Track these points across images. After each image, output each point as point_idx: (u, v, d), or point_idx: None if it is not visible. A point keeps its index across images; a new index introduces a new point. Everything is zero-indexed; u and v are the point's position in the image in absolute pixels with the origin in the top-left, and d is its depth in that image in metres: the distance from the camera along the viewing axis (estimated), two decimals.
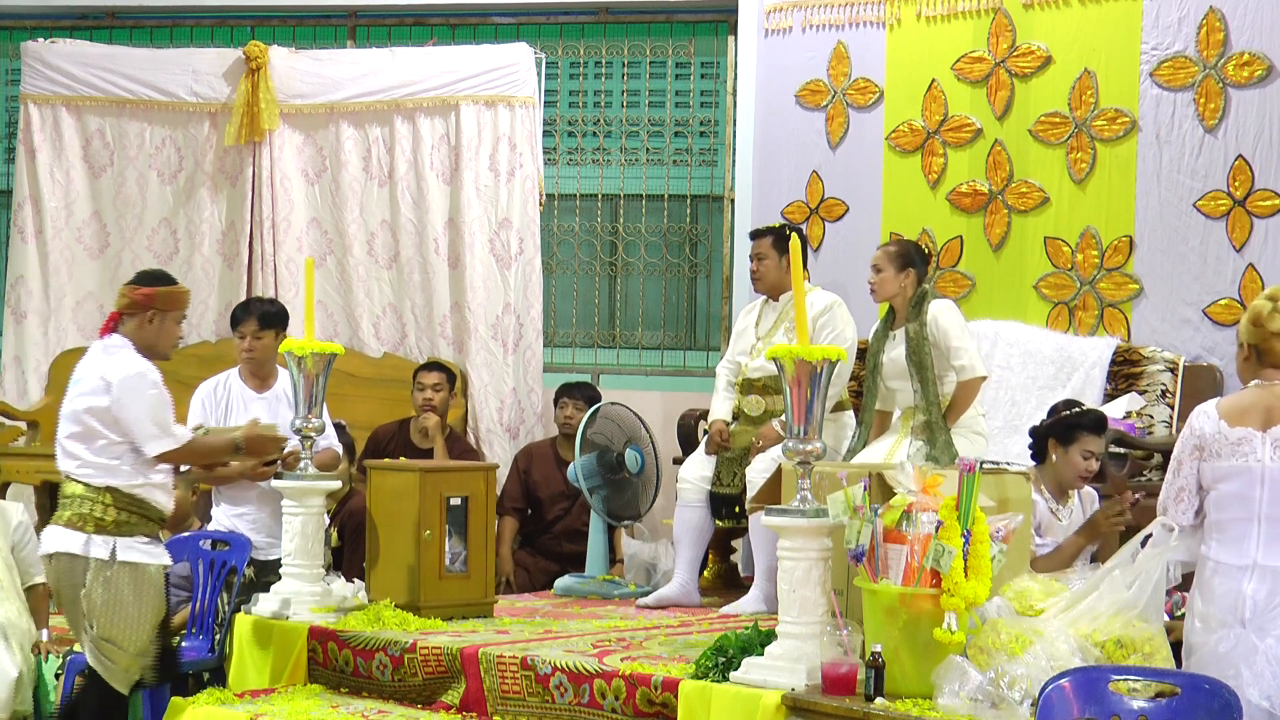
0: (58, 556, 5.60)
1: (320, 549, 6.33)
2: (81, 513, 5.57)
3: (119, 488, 5.60)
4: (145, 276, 5.94)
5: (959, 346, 6.53)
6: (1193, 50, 7.47)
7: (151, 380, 5.63)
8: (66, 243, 9.43)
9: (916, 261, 6.71)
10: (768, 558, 6.42)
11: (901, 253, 6.73)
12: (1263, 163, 7.31)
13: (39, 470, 8.78)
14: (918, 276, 6.68)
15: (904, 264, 6.68)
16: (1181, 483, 4.62)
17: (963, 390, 6.53)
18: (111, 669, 5.62)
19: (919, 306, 6.59)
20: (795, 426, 4.86)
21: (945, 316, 6.58)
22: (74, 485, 5.62)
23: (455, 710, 5.63)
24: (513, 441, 8.90)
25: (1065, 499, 5.78)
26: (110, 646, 5.59)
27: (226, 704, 5.72)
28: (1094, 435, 5.70)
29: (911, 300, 6.63)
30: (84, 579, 5.55)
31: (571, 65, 9.54)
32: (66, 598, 5.62)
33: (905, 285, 6.66)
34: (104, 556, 5.55)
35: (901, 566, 4.56)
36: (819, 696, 4.64)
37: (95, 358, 5.70)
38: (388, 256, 9.25)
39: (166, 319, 5.77)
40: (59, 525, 5.61)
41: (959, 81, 8.12)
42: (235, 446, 5.97)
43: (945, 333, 6.54)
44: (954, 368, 6.53)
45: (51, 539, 5.63)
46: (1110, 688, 4.08)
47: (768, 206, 8.61)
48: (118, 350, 5.69)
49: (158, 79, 9.41)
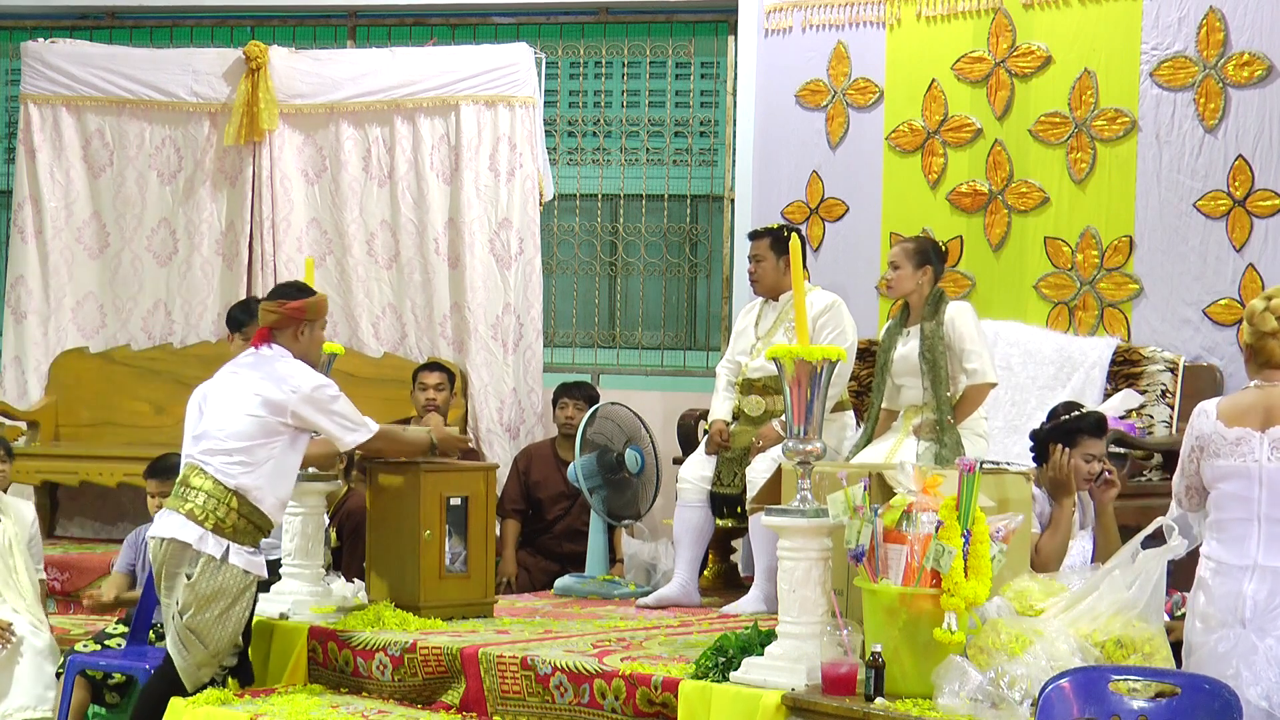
0: (171, 542, 5.66)
1: (320, 549, 6.34)
2: (207, 509, 5.65)
3: (248, 494, 5.69)
4: (289, 290, 6.11)
5: (973, 350, 6.52)
6: (1193, 50, 7.47)
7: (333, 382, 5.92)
8: (66, 243, 9.43)
9: (934, 259, 6.69)
10: (768, 558, 6.42)
11: (920, 249, 6.71)
12: (1263, 163, 7.31)
13: (39, 470, 8.81)
14: (935, 274, 6.67)
15: (922, 261, 6.65)
16: (1188, 481, 4.65)
17: (971, 394, 6.52)
18: (187, 661, 5.69)
19: (936, 305, 6.58)
20: (795, 426, 4.87)
21: (964, 319, 6.56)
22: (203, 479, 5.68)
23: (455, 710, 5.63)
24: (513, 441, 8.90)
25: None
26: (193, 639, 5.66)
27: (226, 704, 5.72)
28: (1095, 438, 5.69)
29: (928, 299, 6.61)
30: (193, 568, 5.63)
31: (571, 65, 9.54)
32: (166, 580, 5.69)
33: (922, 283, 6.64)
34: (217, 555, 5.64)
35: (901, 566, 4.56)
36: (819, 696, 4.64)
37: (262, 364, 5.84)
38: (387, 256, 9.25)
39: (315, 328, 5.98)
40: (179, 514, 5.66)
41: (959, 81, 8.12)
42: (431, 445, 6.32)
43: (961, 335, 6.53)
44: (965, 370, 6.52)
45: (168, 525, 5.68)
46: (1110, 688, 4.08)
47: (768, 206, 8.61)
48: (287, 358, 5.88)
49: (158, 79, 9.41)
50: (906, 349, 6.61)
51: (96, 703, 6.45)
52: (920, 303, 6.64)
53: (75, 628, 7.27)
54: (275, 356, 5.88)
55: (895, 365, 6.65)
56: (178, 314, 9.35)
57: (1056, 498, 5.55)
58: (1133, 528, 4.92)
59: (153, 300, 9.40)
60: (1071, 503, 5.58)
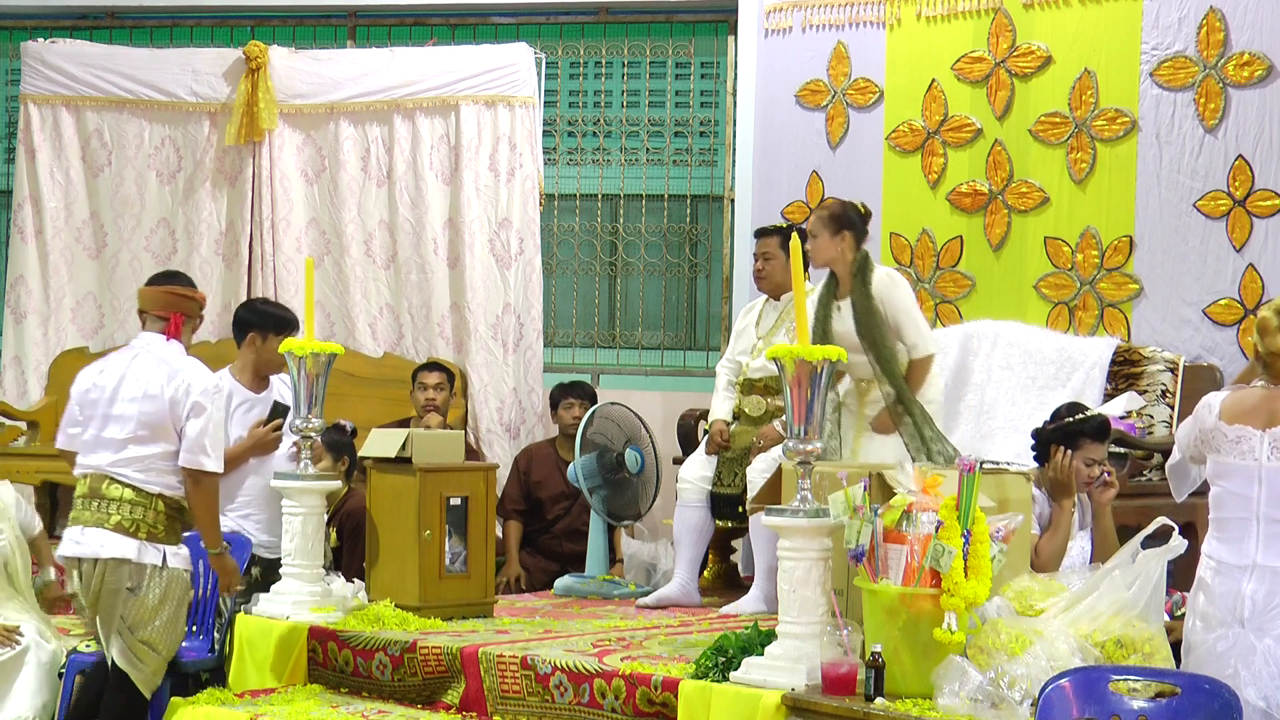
0: (108, 562, 5.55)
1: (320, 549, 6.34)
2: (134, 518, 5.56)
3: (170, 495, 5.61)
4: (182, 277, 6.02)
5: (909, 322, 6.32)
6: (1193, 50, 7.47)
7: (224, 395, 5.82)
8: (66, 243, 9.43)
9: (853, 223, 6.43)
10: (768, 558, 6.42)
11: (834, 215, 6.45)
12: (1263, 163, 7.30)
13: (39, 470, 8.79)
14: (856, 239, 6.42)
15: (839, 226, 6.41)
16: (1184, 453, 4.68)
17: (916, 369, 6.36)
18: (143, 671, 5.62)
19: (863, 276, 6.36)
20: (795, 426, 4.86)
21: (893, 292, 6.34)
22: (121, 489, 5.57)
23: (455, 710, 5.63)
24: (513, 442, 8.89)
25: None
26: (147, 650, 5.59)
27: (226, 704, 5.73)
28: (1097, 442, 5.69)
29: (853, 267, 6.40)
30: (137, 583, 5.54)
31: (571, 65, 9.54)
32: (106, 601, 5.57)
33: (843, 249, 6.41)
34: (157, 563, 5.57)
35: (901, 566, 4.56)
36: (819, 696, 4.64)
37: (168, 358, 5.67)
38: (385, 257, 9.24)
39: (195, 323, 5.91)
40: (107, 529, 5.54)
41: (959, 81, 8.12)
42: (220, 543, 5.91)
43: (896, 309, 6.33)
44: (904, 344, 6.34)
45: (101, 543, 5.55)
46: (1110, 688, 4.08)
47: (768, 206, 8.61)
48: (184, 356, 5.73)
49: (158, 79, 9.41)
50: (844, 327, 6.41)
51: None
52: (847, 272, 6.42)
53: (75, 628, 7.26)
54: (178, 351, 5.75)
55: (836, 342, 6.37)
56: None
57: (1056, 498, 5.55)
58: (1133, 528, 4.92)
59: None
60: (1071, 504, 5.58)
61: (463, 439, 6.83)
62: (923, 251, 8.19)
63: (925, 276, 8.18)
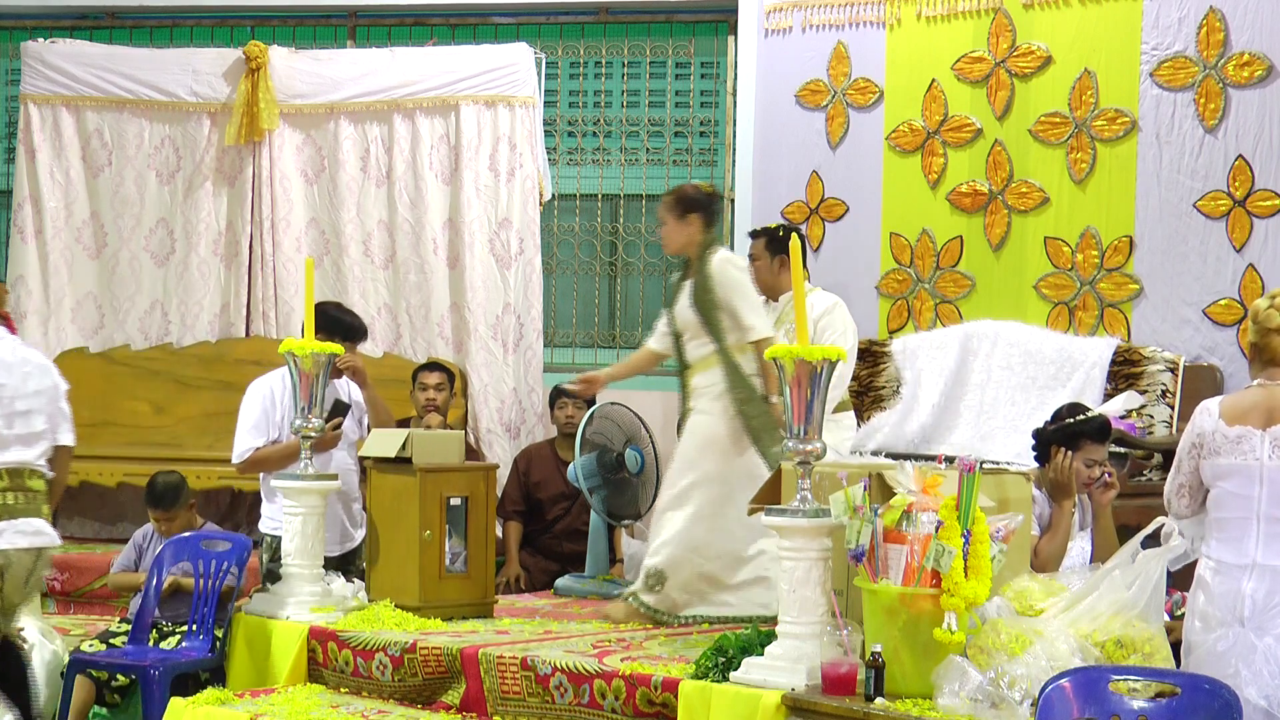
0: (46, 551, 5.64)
1: (320, 549, 6.34)
2: (46, 506, 5.66)
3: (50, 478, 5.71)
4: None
5: (742, 304, 6.27)
6: (1193, 50, 7.47)
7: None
8: (66, 243, 9.43)
9: (699, 204, 6.39)
10: None
11: (679, 199, 6.42)
12: (1263, 163, 7.31)
13: None
14: (704, 221, 6.38)
15: (685, 209, 6.38)
16: (1182, 479, 4.66)
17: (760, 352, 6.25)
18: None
19: (704, 257, 6.33)
20: (795, 426, 4.86)
21: (724, 274, 6.29)
22: (39, 480, 5.62)
23: (455, 710, 5.63)
24: (513, 441, 8.90)
25: None
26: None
27: (226, 704, 5.72)
28: (1098, 443, 5.68)
29: (700, 249, 6.35)
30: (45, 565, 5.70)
31: (571, 65, 9.54)
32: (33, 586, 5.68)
33: (691, 233, 6.37)
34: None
35: (901, 566, 4.56)
36: (819, 696, 4.64)
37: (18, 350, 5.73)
38: (384, 257, 9.24)
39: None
40: (39, 518, 5.60)
41: (959, 81, 8.12)
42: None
43: (728, 289, 6.28)
44: (741, 328, 6.28)
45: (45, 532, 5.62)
46: (1110, 688, 4.07)
47: (768, 206, 8.61)
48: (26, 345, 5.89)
49: (158, 79, 9.41)
50: (680, 305, 6.41)
51: (98, 703, 6.44)
52: (698, 255, 6.38)
53: (75, 628, 7.28)
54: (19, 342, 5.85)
55: (678, 321, 6.43)
56: (174, 314, 9.34)
57: (1056, 499, 5.55)
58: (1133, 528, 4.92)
59: (150, 300, 9.39)
60: (1071, 505, 5.57)
61: (463, 439, 6.83)
62: (923, 251, 8.20)
63: (925, 276, 8.18)
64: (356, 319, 6.90)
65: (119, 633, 6.51)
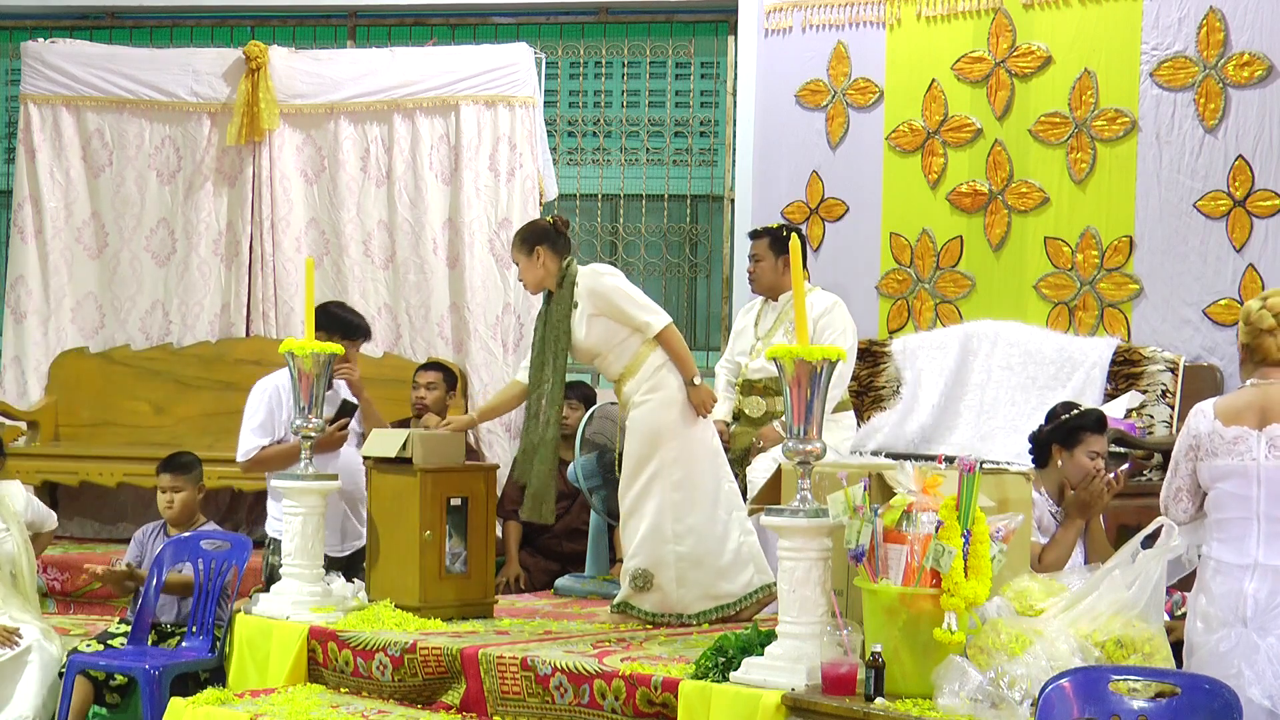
0: None
1: (320, 549, 6.34)
2: None
3: None
4: None
5: (628, 304, 6.25)
6: (1193, 50, 7.47)
7: None
8: (66, 243, 9.43)
9: (543, 236, 6.37)
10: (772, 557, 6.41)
11: (523, 237, 6.41)
12: (1263, 163, 7.31)
13: (39, 470, 8.80)
14: (552, 249, 6.34)
15: (530, 245, 6.36)
16: (1179, 482, 4.65)
17: (667, 341, 6.27)
18: None
19: (568, 280, 6.31)
20: (795, 426, 4.86)
21: (599, 281, 6.26)
22: None
23: (455, 710, 5.62)
24: (513, 442, 8.89)
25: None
26: None
27: (226, 704, 5.72)
28: (1097, 435, 5.67)
29: (558, 277, 6.34)
30: None
31: (571, 65, 9.54)
32: None
33: (544, 264, 6.34)
34: None
35: (901, 566, 4.56)
36: (819, 696, 4.64)
37: None
38: (384, 257, 9.25)
39: None
40: None
41: (959, 81, 8.12)
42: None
43: (607, 297, 6.26)
44: (638, 328, 6.27)
45: None
46: (1110, 688, 4.07)
47: (768, 206, 8.62)
48: None
49: (158, 79, 9.41)
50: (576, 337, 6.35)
51: (97, 703, 6.44)
52: (555, 285, 6.37)
53: (75, 628, 7.27)
54: None
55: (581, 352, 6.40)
56: (175, 314, 9.34)
57: (1076, 515, 5.49)
58: (1133, 528, 4.92)
59: (150, 300, 9.39)
60: (1084, 523, 5.53)
61: (463, 439, 6.82)
62: (923, 251, 8.20)
63: (925, 276, 8.18)
64: (358, 318, 6.90)
65: (118, 633, 6.51)
